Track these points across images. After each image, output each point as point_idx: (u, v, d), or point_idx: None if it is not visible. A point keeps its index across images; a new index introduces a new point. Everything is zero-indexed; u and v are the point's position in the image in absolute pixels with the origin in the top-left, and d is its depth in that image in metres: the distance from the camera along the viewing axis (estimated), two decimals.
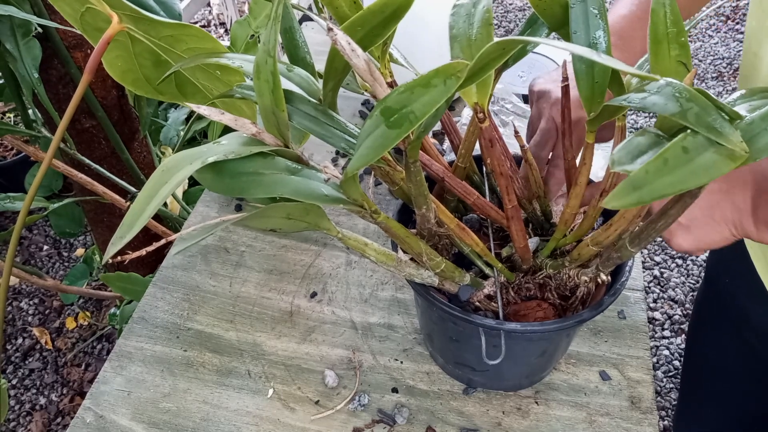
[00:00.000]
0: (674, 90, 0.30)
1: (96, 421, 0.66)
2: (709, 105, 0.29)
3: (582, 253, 0.52)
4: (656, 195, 0.27)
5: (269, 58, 0.36)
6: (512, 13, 2.95)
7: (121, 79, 0.58)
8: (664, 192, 0.27)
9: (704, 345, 0.88)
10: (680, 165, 0.28)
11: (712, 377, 0.88)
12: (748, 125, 0.29)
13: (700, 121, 0.28)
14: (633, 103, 0.32)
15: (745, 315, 0.75)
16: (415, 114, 0.32)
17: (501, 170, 0.49)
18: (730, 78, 2.45)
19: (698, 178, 0.28)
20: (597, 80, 0.44)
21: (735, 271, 0.76)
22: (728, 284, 0.78)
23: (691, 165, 0.28)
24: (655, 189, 0.27)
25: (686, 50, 0.37)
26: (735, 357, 0.81)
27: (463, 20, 0.45)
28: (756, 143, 0.28)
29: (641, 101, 0.31)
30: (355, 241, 0.49)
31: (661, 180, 0.27)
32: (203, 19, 2.80)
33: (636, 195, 0.28)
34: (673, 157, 0.28)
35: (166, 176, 0.36)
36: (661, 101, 0.30)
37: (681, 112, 0.29)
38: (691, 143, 0.28)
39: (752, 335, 0.75)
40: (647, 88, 0.32)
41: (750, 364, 0.79)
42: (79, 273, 1.50)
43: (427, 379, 0.68)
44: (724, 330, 0.82)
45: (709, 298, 0.85)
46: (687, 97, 0.29)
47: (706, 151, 0.28)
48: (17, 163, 1.89)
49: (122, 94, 1.21)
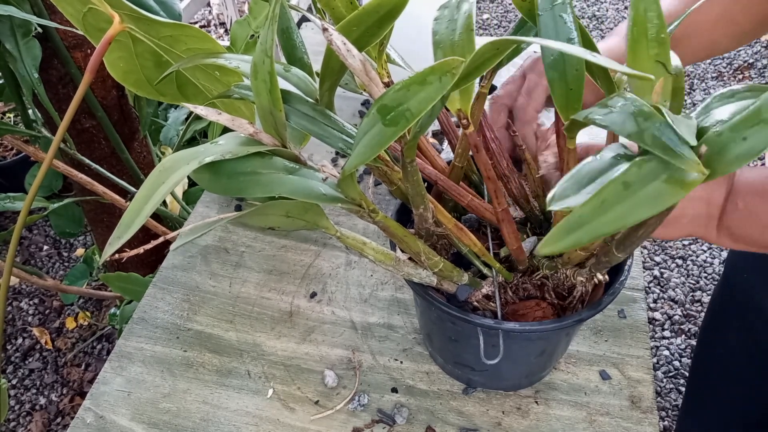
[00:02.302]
0: (634, 108, 0.29)
1: (96, 422, 0.66)
2: (666, 125, 0.28)
3: (571, 257, 0.52)
4: (595, 235, 0.26)
5: (266, 58, 0.36)
6: (512, 13, 2.95)
7: (123, 79, 0.58)
8: (604, 231, 0.26)
9: (716, 346, 0.88)
10: (619, 201, 0.26)
11: (721, 379, 0.87)
12: (717, 136, 0.28)
13: (656, 142, 0.27)
14: (596, 120, 0.30)
15: (761, 311, 0.75)
16: (411, 111, 0.32)
17: (488, 174, 0.49)
18: (730, 78, 2.45)
19: (641, 211, 0.26)
20: (571, 87, 0.43)
21: (752, 265, 0.76)
22: (746, 278, 0.78)
23: (632, 199, 0.27)
24: (592, 229, 0.26)
25: (665, 49, 0.35)
26: (747, 359, 0.81)
27: (446, 26, 0.45)
28: (726, 155, 0.27)
29: (603, 117, 0.30)
30: (353, 240, 0.49)
31: (598, 219, 0.26)
32: (203, 19, 2.81)
33: (572, 238, 0.27)
34: (612, 196, 0.27)
35: (164, 176, 0.36)
36: (620, 120, 0.29)
37: (638, 132, 0.28)
38: (634, 176, 0.27)
39: (763, 336, 0.75)
40: (610, 104, 0.30)
41: (761, 365, 0.79)
42: (79, 273, 1.50)
43: (427, 379, 0.68)
44: (738, 328, 0.82)
45: (726, 295, 0.85)
46: (645, 116, 0.28)
47: (653, 181, 0.27)
48: (17, 163, 1.89)
49: (122, 94, 1.22)
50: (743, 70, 2.48)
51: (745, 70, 2.48)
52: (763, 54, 2.54)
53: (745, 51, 2.56)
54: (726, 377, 0.86)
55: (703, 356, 0.94)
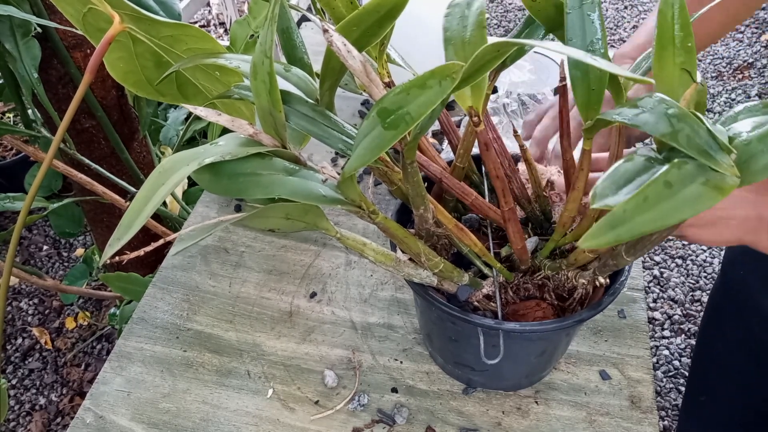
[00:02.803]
0: (666, 108, 0.29)
1: (96, 422, 0.66)
2: (701, 126, 0.28)
3: (578, 259, 0.52)
4: (636, 233, 0.27)
5: (266, 58, 0.36)
6: (512, 12, 2.95)
7: (123, 80, 0.58)
8: (644, 229, 0.27)
9: (714, 345, 0.88)
10: (661, 200, 0.27)
11: (720, 378, 0.87)
12: (745, 146, 0.28)
13: (691, 143, 0.27)
14: (625, 120, 0.31)
15: (759, 309, 0.75)
16: (411, 115, 0.32)
17: (497, 173, 0.49)
18: (730, 78, 2.45)
19: (681, 212, 0.27)
20: (593, 87, 0.43)
21: (750, 263, 0.76)
22: (743, 276, 0.78)
23: (673, 200, 0.27)
24: (634, 227, 0.26)
25: (692, 57, 0.35)
26: (745, 357, 0.81)
27: (456, 22, 0.45)
28: (753, 165, 0.27)
29: (633, 118, 0.30)
30: (353, 241, 0.49)
31: (640, 217, 0.27)
32: (203, 19, 2.80)
33: (614, 234, 0.27)
34: (654, 194, 0.27)
35: (164, 177, 0.36)
36: (652, 120, 0.29)
37: (672, 132, 0.28)
38: (675, 176, 0.27)
39: (765, 331, 0.75)
40: (640, 104, 0.30)
41: (760, 364, 0.79)
42: (79, 273, 1.50)
43: (427, 379, 0.68)
44: (736, 326, 0.82)
45: (724, 293, 0.85)
46: (678, 117, 0.28)
47: (691, 183, 0.27)
48: (17, 163, 1.89)
49: (122, 94, 1.21)
50: (743, 70, 2.48)
51: (745, 70, 2.48)
52: (762, 54, 2.54)
53: (745, 51, 2.56)
54: (725, 376, 0.86)
55: (702, 355, 0.94)
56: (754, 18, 2.74)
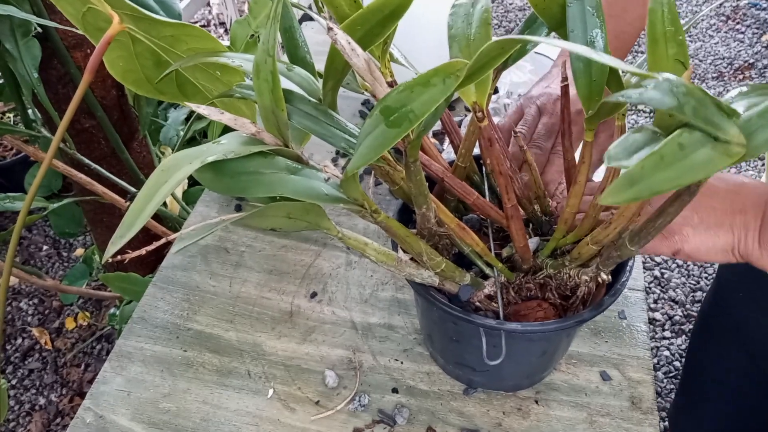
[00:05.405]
0: (671, 85, 0.30)
1: (96, 422, 0.66)
2: (706, 99, 0.29)
3: (582, 252, 0.52)
4: (654, 190, 0.27)
5: (269, 57, 0.36)
6: (512, 12, 2.96)
7: (123, 78, 0.58)
8: (661, 187, 0.27)
9: (703, 358, 0.88)
10: (676, 161, 0.28)
11: (710, 389, 0.87)
12: (745, 122, 0.29)
13: (698, 114, 0.28)
14: (630, 99, 0.31)
15: (749, 327, 0.75)
16: (414, 113, 0.32)
17: (500, 169, 0.49)
18: (731, 78, 2.45)
19: (695, 173, 0.28)
20: (595, 78, 0.45)
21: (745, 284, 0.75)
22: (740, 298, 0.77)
23: (687, 161, 0.28)
24: (652, 184, 0.27)
25: (684, 49, 0.38)
26: (735, 371, 0.80)
27: (461, 20, 0.45)
28: (753, 140, 0.28)
29: (639, 97, 0.31)
30: (355, 241, 0.49)
31: (657, 175, 0.27)
32: (203, 18, 2.80)
33: (633, 191, 0.27)
34: (670, 153, 0.28)
35: (166, 176, 0.36)
36: (658, 96, 0.30)
37: (678, 105, 0.29)
38: (687, 140, 0.28)
39: (756, 348, 0.75)
40: (644, 84, 0.31)
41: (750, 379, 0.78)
42: (79, 273, 1.50)
43: (428, 380, 0.68)
44: (726, 342, 0.81)
45: (715, 308, 0.84)
46: (684, 92, 0.29)
47: (702, 147, 0.28)
48: (17, 163, 1.89)
49: (122, 93, 1.21)
50: (744, 70, 2.49)
51: (746, 70, 2.48)
52: (763, 54, 2.54)
53: (745, 51, 2.56)
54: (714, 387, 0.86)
55: (691, 367, 0.93)
56: (755, 18, 2.74)
